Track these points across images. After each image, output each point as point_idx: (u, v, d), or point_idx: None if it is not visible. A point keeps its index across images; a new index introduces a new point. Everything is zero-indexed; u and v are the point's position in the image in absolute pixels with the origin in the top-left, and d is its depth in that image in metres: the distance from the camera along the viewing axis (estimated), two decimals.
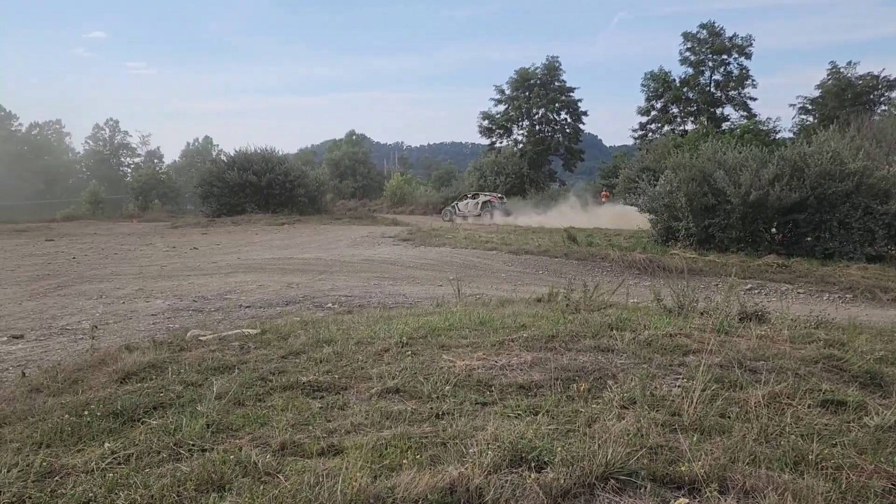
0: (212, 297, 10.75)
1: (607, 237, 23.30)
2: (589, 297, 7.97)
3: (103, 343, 6.99)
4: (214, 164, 39.79)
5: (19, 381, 5.52)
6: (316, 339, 6.17)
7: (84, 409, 4.34)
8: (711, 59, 52.55)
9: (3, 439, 3.97)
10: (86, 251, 21.00)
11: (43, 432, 3.99)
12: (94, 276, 14.32)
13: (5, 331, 8.39)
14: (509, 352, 5.55)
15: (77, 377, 5.31)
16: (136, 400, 4.51)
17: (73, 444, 3.85)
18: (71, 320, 9.08)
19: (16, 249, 22.04)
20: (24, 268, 16.44)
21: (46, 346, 7.47)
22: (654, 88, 54.00)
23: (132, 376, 5.22)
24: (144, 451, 3.64)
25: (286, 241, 23.60)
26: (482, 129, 57.81)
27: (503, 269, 16.51)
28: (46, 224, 38.17)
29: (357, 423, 4.02)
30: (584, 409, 4.17)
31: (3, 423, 4.29)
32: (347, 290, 11.53)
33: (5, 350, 7.28)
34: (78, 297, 11.25)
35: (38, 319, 9.22)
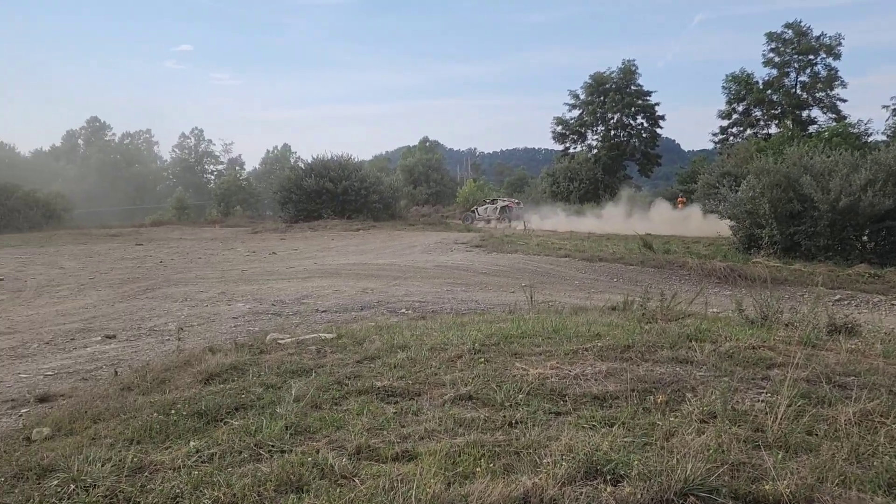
0: (290, 301, 11.04)
1: (685, 244, 22.70)
2: (666, 307, 7.78)
3: (188, 344, 7.29)
4: (293, 172, 40.91)
5: (112, 379, 5.82)
6: (390, 344, 6.25)
7: (171, 408, 4.54)
8: (797, 60, 50.49)
9: (97, 435, 4.19)
10: (172, 255, 21.94)
11: (133, 429, 4.19)
12: (180, 279, 14.94)
13: (99, 331, 8.86)
14: (583, 361, 5.49)
15: (164, 377, 5.56)
16: (218, 400, 4.68)
17: (160, 441, 4.02)
18: (158, 322, 9.50)
19: (109, 253, 23.23)
20: (116, 271, 17.31)
21: (136, 346, 7.84)
22: (735, 91, 52.31)
23: (215, 377, 5.42)
24: (227, 451, 3.77)
25: (361, 246, 24.02)
26: (556, 135, 57.36)
27: (576, 276, 16.32)
28: (136, 229, 40.10)
29: (431, 430, 4.05)
30: (661, 421, 4.07)
31: (98, 419, 4.53)
32: (421, 295, 11.64)
33: (100, 349, 7.68)
34: (165, 300, 11.76)
35: (128, 320, 9.69)
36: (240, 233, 34.29)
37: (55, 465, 3.67)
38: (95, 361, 7.01)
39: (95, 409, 4.70)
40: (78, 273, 17.01)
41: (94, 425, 4.41)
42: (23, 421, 4.89)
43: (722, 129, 53.81)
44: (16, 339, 8.54)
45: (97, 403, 4.86)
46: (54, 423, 4.51)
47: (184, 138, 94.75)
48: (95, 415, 4.60)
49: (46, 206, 42.75)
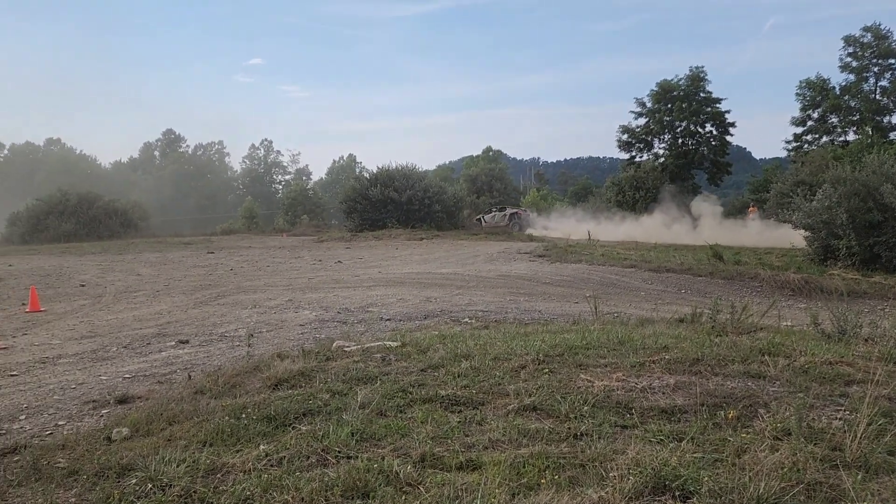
0: (355, 309, 11.21)
1: (757, 255, 22.00)
2: (737, 319, 7.56)
3: (257, 350, 7.49)
4: (358, 182, 41.61)
5: (186, 382, 6.03)
6: (454, 353, 6.27)
7: (241, 413, 4.67)
8: (876, 65, 48.43)
9: (173, 436, 4.36)
10: (242, 263, 22.58)
11: (206, 432, 4.33)
12: (249, 286, 15.37)
13: (174, 336, 9.19)
14: (650, 374, 5.38)
15: (235, 381, 5.73)
16: (287, 406, 4.79)
17: (232, 444, 4.15)
18: (229, 328, 9.78)
19: (182, 261, 24.09)
20: (189, 278, 17.93)
21: (209, 351, 8.10)
22: (810, 97, 50.50)
23: (283, 383, 5.55)
24: (295, 455, 3.86)
25: (425, 255, 24.19)
26: (621, 144, 56.42)
27: (642, 287, 16.02)
28: (207, 237, 41.46)
29: (495, 439, 4.04)
30: (732, 437, 3.96)
31: (173, 421, 4.70)
32: (484, 305, 11.64)
33: (174, 354, 7.97)
34: (235, 307, 12.11)
35: (200, 326, 10.02)
36: (306, 242, 35.05)
37: (134, 465, 3.83)
38: (170, 365, 7.27)
39: (171, 412, 4.88)
40: (154, 280, 17.69)
41: (169, 427, 4.58)
42: (104, 421, 5.12)
43: (796, 137, 52.00)
44: (97, 343, 8.95)
45: (172, 406, 5.04)
46: (132, 424, 4.70)
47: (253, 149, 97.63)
48: (171, 417, 4.78)
49: (124, 215, 44.68)
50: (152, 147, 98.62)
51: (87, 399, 5.88)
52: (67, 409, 5.60)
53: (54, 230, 40.64)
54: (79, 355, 8.13)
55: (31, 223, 42.32)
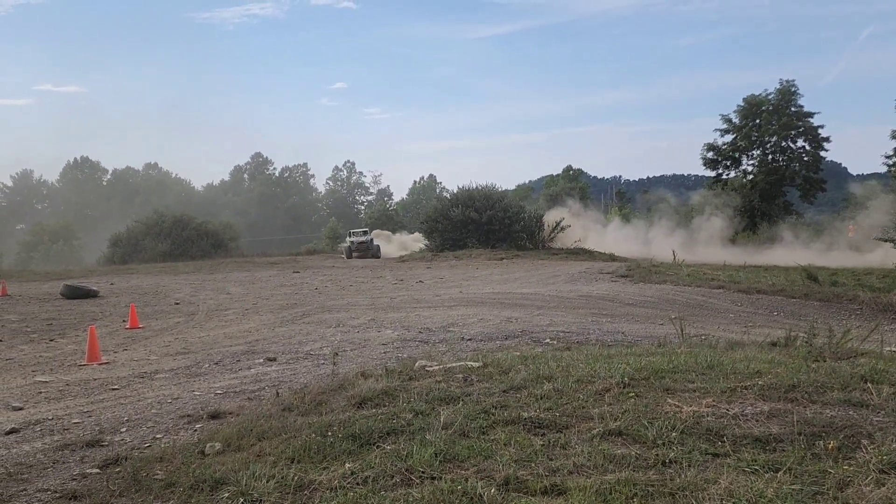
0: (436, 328, 11.28)
1: (855, 276, 20.88)
2: (836, 343, 7.18)
3: (342, 369, 7.64)
4: (439, 202, 42.05)
5: (274, 399, 6.21)
6: (536, 374, 6.21)
7: (327, 430, 4.77)
8: None
9: (262, 452, 4.49)
10: (326, 283, 23.13)
11: (294, 449, 4.44)
12: (333, 306, 15.71)
13: (262, 353, 9.49)
14: (742, 400, 5.17)
15: (321, 399, 5.85)
16: (371, 424, 4.86)
17: (318, 461, 4.24)
18: (314, 346, 10.03)
19: (269, 280, 24.89)
20: (275, 297, 18.50)
21: (295, 368, 8.32)
22: None
23: (367, 402, 5.64)
24: (380, 474, 3.90)
25: (505, 275, 24.13)
26: (706, 161, 54.95)
27: (731, 308, 15.45)
28: (293, 257, 42.71)
29: (579, 464, 3.97)
30: (833, 469, 3.75)
31: (263, 437, 4.85)
32: (565, 325, 11.50)
33: (263, 371, 8.23)
34: (319, 325, 12.41)
35: (287, 344, 10.31)
36: (388, 261, 35.60)
37: (226, 479, 3.96)
38: (259, 382, 7.51)
39: (260, 428, 5.03)
40: (242, 298, 18.35)
41: (259, 443, 4.72)
42: (197, 435, 5.33)
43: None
44: (190, 359, 9.34)
45: (261, 422, 5.20)
46: (224, 439, 4.87)
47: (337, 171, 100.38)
48: (260, 433, 4.93)
49: (215, 235, 46.60)
50: (242, 170, 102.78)
51: (182, 413, 6.14)
52: (164, 423, 5.86)
53: (151, 250, 42.82)
54: (174, 371, 8.51)
55: (130, 244, 44.76)
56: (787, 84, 52.01)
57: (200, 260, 39.33)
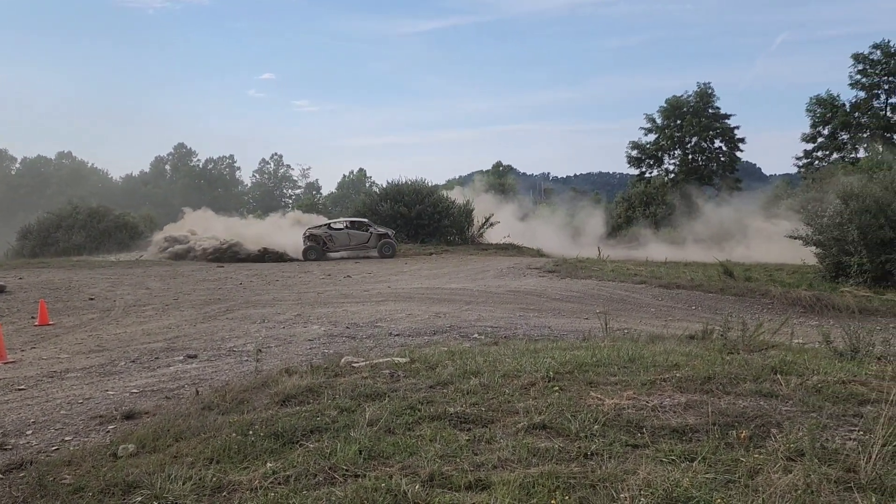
0: (364, 324, 11.18)
1: (768, 272, 21.88)
2: (748, 337, 7.49)
3: (266, 365, 7.47)
4: (368, 196, 41.70)
5: (194, 398, 6.02)
6: (463, 369, 6.23)
7: (249, 429, 4.65)
8: (887, 82, 48.37)
9: (179, 453, 4.33)
10: (251, 277, 22.60)
11: (213, 449, 4.31)
12: (258, 301, 15.37)
13: (182, 350, 9.19)
14: (661, 392, 5.33)
15: (243, 397, 5.71)
16: (294, 422, 4.77)
17: (239, 461, 4.12)
18: (237, 342, 9.78)
19: (192, 275, 24.14)
20: (198, 292, 17.95)
21: (217, 366, 8.09)
22: (820, 114, 50.43)
23: (291, 399, 5.53)
24: (302, 473, 3.83)
25: (434, 270, 24.15)
26: (631, 159, 56.58)
27: (653, 303, 15.93)
28: None
29: (504, 458, 4.00)
30: (745, 458, 3.90)
31: (180, 437, 4.69)
32: (493, 320, 11.59)
33: (182, 369, 7.97)
34: (244, 321, 12.11)
35: (209, 341, 10.02)
36: None
37: (139, 482, 3.81)
38: (178, 380, 7.26)
39: (177, 428, 4.86)
40: (163, 294, 17.73)
41: (176, 443, 4.56)
42: (110, 437, 5.11)
43: (806, 153, 51.90)
44: (105, 357, 8.95)
45: (179, 422, 5.02)
46: (139, 441, 4.69)
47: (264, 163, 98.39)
48: (177, 433, 4.76)
49: (134, 228, 44.85)
50: (163, 161, 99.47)
51: (93, 414, 5.88)
52: (74, 425, 5.59)
53: (64, 243, 40.87)
54: (86, 369, 8.14)
55: (41, 236, 42.59)
56: (705, 87, 54.10)
57: (118, 254, 37.82)
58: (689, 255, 30.00)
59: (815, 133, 51.04)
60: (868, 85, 48.79)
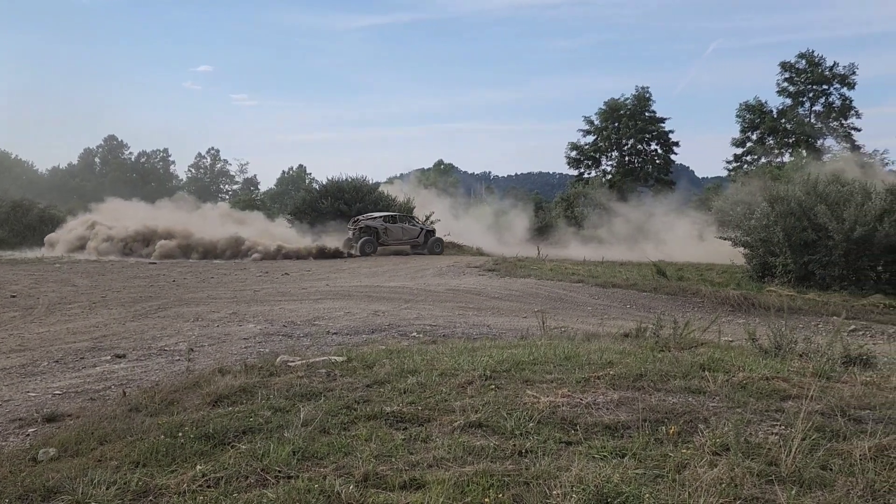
0: (301, 322, 11.03)
1: (699, 271, 22.57)
2: (679, 335, 7.71)
3: (198, 365, 7.28)
4: (308, 193, 41.15)
5: (120, 399, 5.81)
6: (400, 368, 6.22)
7: (178, 431, 4.52)
8: (811, 90, 50.58)
9: (103, 456, 4.17)
10: (185, 275, 22.03)
11: (140, 452, 4.17)
12: (192, 299, 14.99)
13: (110, 350, 8.87)
14: (595, 389, 5.43)
15: (173, 398, 5.54)
16: (226, 423, 4.66)
17: (167, 464, 4.00)
18: (169, 342, 9.50)
19: (122, 272, 23.36)
20: (128, 289, 17.39)
21: (146, 366, 7.84)
22: (749, 119, 52.43)
23: (224, 399, 5.40)
24: (233, 476, 3.74)
25: (373, 268, 24.03)
26: (570, 160, 57.58)
27: (589, 302, 16.23)
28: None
29: (439, 458, 4.00)
30: (673, 453, 4.01)
31: (105, 440, 4.51)
32: (432, 319, 11.60)
33: (109, 369, 7.69)
34: (176, 319, 11.78)
35: (139, 340, 9.71)
36: None
37: (60, 487, 3.66)
38: (104, 381, 7.00)
39: (102, 431, 4.69)
40: (90, 291, 17.10)
41: (100, 447, 4.39)
42: (30, 441, 4.89)
43: (736, 157, 53.86)
44: (26, 357, 8.56)
45: (104, 424, 4.85)
46: (60, 444, 4.50)
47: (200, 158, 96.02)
48: (102, 436, 4.59)
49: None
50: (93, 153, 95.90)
51: (12, 417, 5.61)
52: None
53: None
54: (6, 370, 7.77)
55: None
56: (642, 90, 55.48)
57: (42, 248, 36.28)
58: (611, 254, 30.80)
59: (744, 138, 53.04)
60: (794, 93, 50.94)
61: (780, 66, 51.49)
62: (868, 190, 18.64)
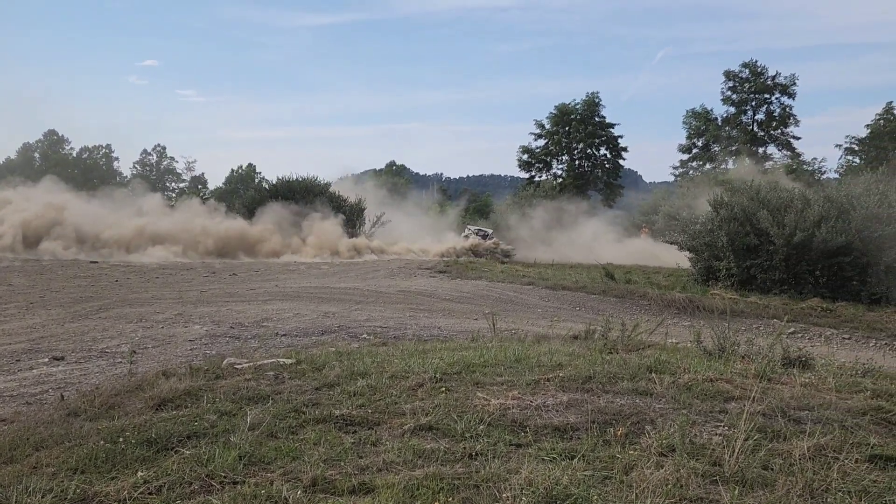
0: (249, 324, 10.84)
1: (646, 275, 23.02)
2: (627, 337, 7.82)
3: (141, 368, 7.08)
4: (257, 192, 40.51)
5: (58, 403, 5.61)
6: (350, 371, 6.15)
7: (119, 436, 4.37)
8: (754, 98, 52.17)
9: (39, 463, 4.01)
10: (128, 274, 21.44)
11: (78, 458, 4.02)
12: (136, 299, 14.58)
13: (47, 352, 8.56)
14: (545, 391, 5.46)
15: (114, 402, 5.37)
16: (170, 428, 4.53)
17: (107, 471, 3.87)
18: (111, 343, 9.22)
19: (62, 271, 22.61)
20: (68, 289, 16.82)
21: (86, 368, 7.58)
22: (695, 126, 53.81)
23: (168, 403, 5.26)
24: (177, 482, 3.64)
25: (324, 269, 23.79)
26: (521, 163, 58.12)
27: (539, 304, 16.38)
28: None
29: (389, 461, 3.97)
30: (621, 455, 4.06)
31: (41, 446, 4.34)
32: (383, 321, 11.54)
33: (46, 371, 7.41)
34: (118, 321, 11.44)
35: (79, 341, 9.39)
36: None
37: None
38: (41, 384, 6.75)
39: (38, 436, 4.51)
40: (27, 291, 16.48)
41: (36, 453, 4.22)
42: None
43: (682, 163, 55.25)
44: None
45: (41, 430, 4.66)
46: None
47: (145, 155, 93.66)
48: (38, 442, 4.41)
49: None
50: (32, 148, 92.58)
51: None
52: None
53: None
54: None
55: None
56: (592, 95, 56.37)
57: None
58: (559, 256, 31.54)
59: (690, 144, 54.41)
60: (738, 101, 52.47)
61: (725, 76, 53.03)
62: (807, 197, 19.31)
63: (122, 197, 38.54)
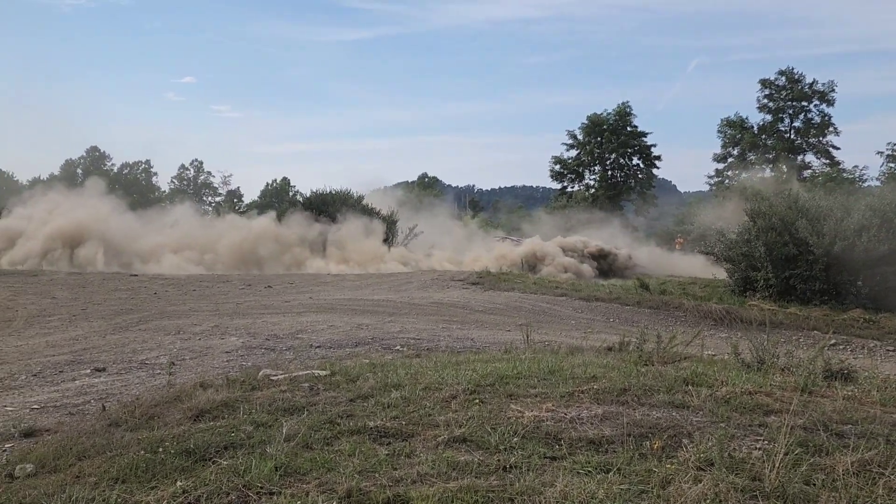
0: (284, 335, 10.95)
1: (681, 286, 22.71)
2: (663, 349, 7.73)
3: (179, 379, 7.20)
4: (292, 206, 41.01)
5: (100, 414, 5.73)
6: (384, 382, 6.18)
7: (159, 446, 4.45)
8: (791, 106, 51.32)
9: (82, 473, 4.10)
10: (166, 287, 21.83)
11: (119, 468, 4.09)
12: (174, 311, 14.84)
13: (89, 363, 8.75)
14: (579, 404, 5.42)
15: (154, 413, 5.47)
16: (208, 439, 4.59)
17: (147, 480, 3.93)
18: (150, 355, 9.40)
19: (103, 284, 23.11)
20: (109, 302, 17.19)
21: (126, 379, 7.74)
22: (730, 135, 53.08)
23: (205, 414, 5.33)
24: (214, 492, 3.68)
25: (357, 281, 23.94)
26: (553, 174, 57.93)
27: (573, 315, 16.26)
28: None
29: (423, 473, 3.97)
30: (657, 468, 4.00)
31: (83, 456, 4.43)
32: (416, 332, 11.56)
33: (88, 383, 7.58)
34: (157, 332, 11.66)
35: (119, 353, 9.59)
36: None
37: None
38: (83, 395, 6.90)
39: (81, 446, 4.61)
40: (70, 303, 16.89)
41: (78, 463, 4.32)
42: (6, 456, 4.79)
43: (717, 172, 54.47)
44: (3, 371, 8.43)
45: (83, 440, 4.76)
46: (38, 460, 4.41)
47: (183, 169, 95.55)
48: (81, 452, 4.51)
49: None
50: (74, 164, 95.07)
51: None
52: None
53: None
54: None
55: None
56: (623, 105, 56.00)
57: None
58: None
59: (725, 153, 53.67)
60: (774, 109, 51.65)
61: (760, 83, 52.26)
62: (847, 206, 18.90)
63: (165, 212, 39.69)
